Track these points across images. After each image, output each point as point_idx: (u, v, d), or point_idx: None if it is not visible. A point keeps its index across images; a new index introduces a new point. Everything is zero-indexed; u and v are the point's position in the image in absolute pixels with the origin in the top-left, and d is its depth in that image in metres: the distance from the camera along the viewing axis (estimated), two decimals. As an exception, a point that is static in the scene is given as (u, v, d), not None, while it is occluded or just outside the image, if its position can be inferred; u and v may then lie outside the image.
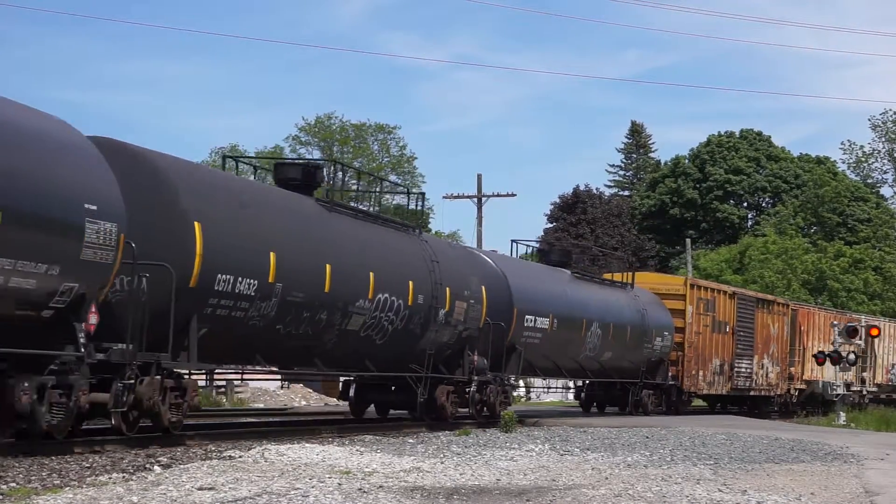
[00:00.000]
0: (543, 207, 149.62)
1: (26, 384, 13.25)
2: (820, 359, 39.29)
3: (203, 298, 16.45)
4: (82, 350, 14.00)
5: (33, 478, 11.79)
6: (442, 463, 14.36)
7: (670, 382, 34.75)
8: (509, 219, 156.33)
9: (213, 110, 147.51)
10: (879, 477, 14.59)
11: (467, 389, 24.38)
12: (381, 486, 11.38)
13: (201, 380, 19.43)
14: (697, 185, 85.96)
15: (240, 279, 17.01)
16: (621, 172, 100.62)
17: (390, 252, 21.92)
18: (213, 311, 16.72)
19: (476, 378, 24.50)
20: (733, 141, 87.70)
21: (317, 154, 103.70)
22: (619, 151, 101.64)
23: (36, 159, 13.38)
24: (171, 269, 15.53)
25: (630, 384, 33.26)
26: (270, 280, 17.73)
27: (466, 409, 24.30)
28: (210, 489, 10.71)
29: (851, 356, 38.05)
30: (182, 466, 12.84)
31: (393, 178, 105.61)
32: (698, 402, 41.06)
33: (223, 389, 35.36)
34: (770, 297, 44.13)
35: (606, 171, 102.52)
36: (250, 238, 17.56)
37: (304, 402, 37.06)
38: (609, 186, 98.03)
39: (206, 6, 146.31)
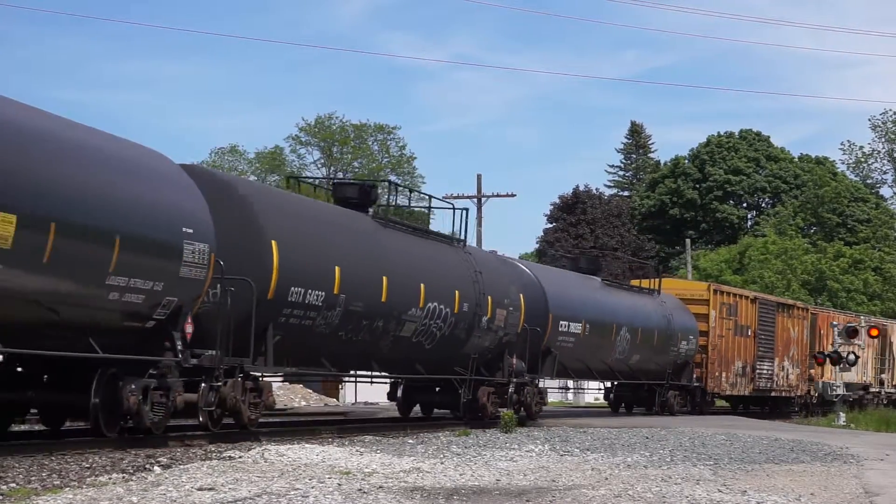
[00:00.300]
0: (543, 208, 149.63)
1: (133, 386, 15.20)
2: (819, 359, 39.37)
3: (278, 309, 18.20)
4: (179, 356, 15.97)
5: (33, 478, 11.78)
6: (442, 463, 14.36)
7: (695, 384, 36.24)
8: (509, 219, 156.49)
9: (213, 110, 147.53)
10: (879, 477, 14.60)
11: (506, 390, 25.77)
12: (380, 487, 11.38)
13: (276, 382, 22.34)
14: (697, 186, 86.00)
15: (309, 291, 18.79)
16: (621, 173, 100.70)
17: (438, 264, 23.73)
18: (286, 320, 18.46)
19: (514, 380, 25.93)
20: (733, 141, 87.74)
21: (316, 154, 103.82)
22: (618, 152, 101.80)
23: (146, 189, 15.58)
24: (252, 283, 17.24)
25: (657, 385, 34.80)
26: (335, 292, 19.49)
27: (505, 409, 25.15)
28: (210, 489, 10.71)
29: (851, 356, 38.07)
30: (182, 467, 12.84)
31: (393, 178, 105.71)
32: (721, 403, 42.22)
33: None
34: (790, 301, 45.71)
35: (606, 171, 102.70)
36: (318, 254, 19.38)
37: (304, 403, 37.13)
38: (609, 187, 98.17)
39: (206, 6, 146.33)
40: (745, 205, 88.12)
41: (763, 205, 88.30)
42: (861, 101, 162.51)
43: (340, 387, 39.76)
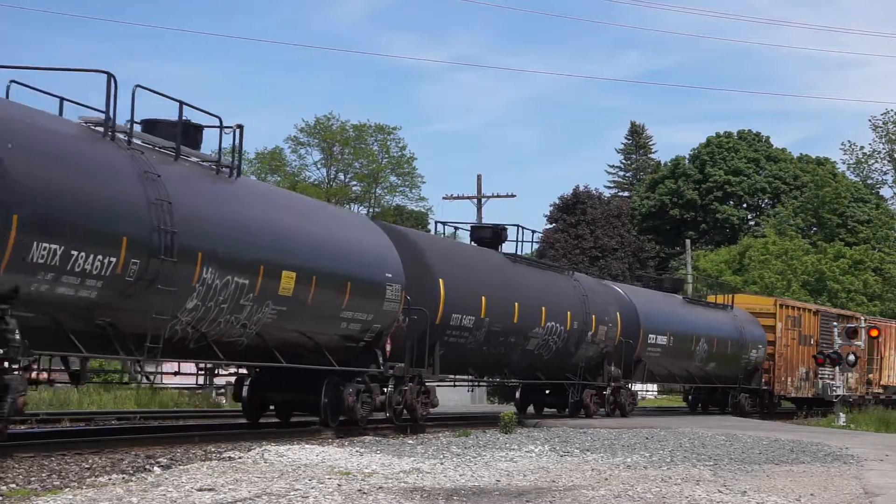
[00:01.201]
0: (543, 208, 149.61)
1: (350, 389, 20.48)
2: (819, 359, 39.54)
3: (443, 330, 23.73)
4: (382, 367, 21.48)
5: (33, 479, 11.78)
6: (441, 464, 14.36)
7: (763, 387, 41.44)
8: (509, 219, 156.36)
9: (213, 110, 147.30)
10: (879, 478, 14.60)
11: (604, 393, 31.49)
12: (380, 487, 11.38)
13: (440, 386, 26.72)
14: (697, 186, 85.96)
15: (464, 316, 24.48)
16: (621, 173, 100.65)
17: (555, 290, 29.25)
18: (448, 339, 24.03)
19: (612, 384, 31.65)
20: (733, 142, 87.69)
21: (316, 155, 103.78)
22: (618, 152, 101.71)
23: (363, 243, 21.27)
24: (427, 311, 22.91)
25: (730, 388, 39.97)
26: (482, 316, 25.06)
27: (604, 409, 31.46)
28: (210, 490, 10.71)
29: (851, 357, 38.13)
30: (182, 467, 12.84)
31: (393, 178, 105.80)
32: (787, 405, 46.45)
33: (223, 391, 35.47)
34: (848, 312, 50.24)
35: (606, 171, 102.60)
36: (470, 287, 24.86)
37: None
38: (609, 187, 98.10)
39: (206, 6, 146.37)
40: (745, 205, 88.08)
41: (763, 205, 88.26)
42: (861, 101, 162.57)
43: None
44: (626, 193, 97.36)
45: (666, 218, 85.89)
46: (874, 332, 41.22)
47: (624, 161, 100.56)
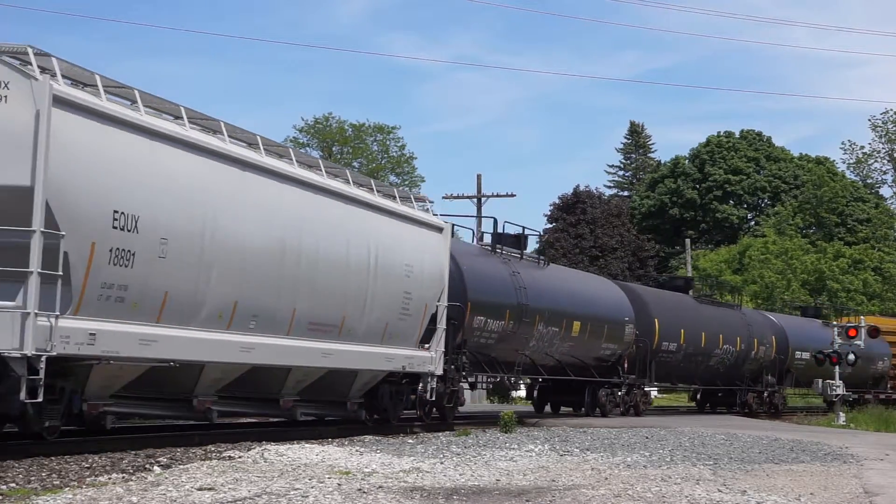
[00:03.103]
0: (543, 208, 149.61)
1: (602, 392, 32.24)
2: (820, 358, 39.55)
3: (656, 353, 35.13)
4: (621, 378, 33.11)
5: (33, 478, 11.77)
6: (441, 463, 14.36)
7: (889, 391, 51.56)
8: (509, 219, 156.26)
9: (213, 110, 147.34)
10: (879, 477, 14.59)
11: (763, 395, 43.13)
12: (380, 487, 11.37)
13: (653, 389, 40.63)
14: (697, 186, 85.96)
15: (671, 343, 35.98)
16: (621, 173, 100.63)
17: (727, 322, 40.79)
18: (659, 358, 35.35)
19: (769, 389, 43.46)
20: (733, 141, 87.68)
21: (316, 154, 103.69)
22: (618, 152, 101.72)
23: (611, 299, 33.11)
24: (647, 341, 34.37)
25: (864, 392, 49.14)
26: (681, 343, 36.49)
27: (762, 408, 42.68)
28: (210, 489, 10.71)
29: (851, 356, 38.16)
30: (181, 467, 12.83)
31: (392, 178, 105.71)
32: None
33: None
34: None
35: (606, 171, 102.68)
36: (673, 323, 36.21)
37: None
38: (609, 187, 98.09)
39: (206, 6, 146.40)
40: (744, 205, 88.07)
41: (763, 205, 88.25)
42: (861, 101, 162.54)
43: None
44: (625, 193, 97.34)
45: (666, 217, 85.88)
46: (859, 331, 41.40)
47: (624, 161, 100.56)
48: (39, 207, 12.74)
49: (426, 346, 22.45)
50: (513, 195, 54.81)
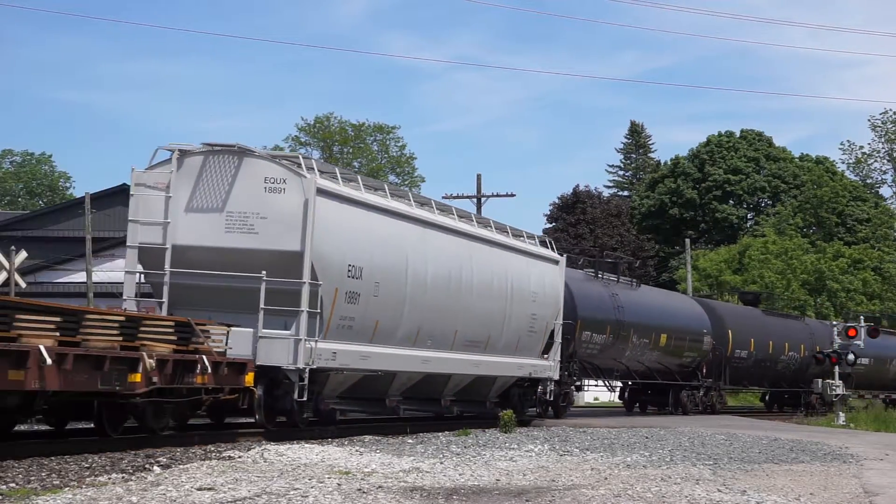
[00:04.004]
0: (543, 207, 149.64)
1: (684, 393, 37.58)
2: (819, 357, 39.64)
3: (730, 360, 40.72)
4: (700, 381, 38.30)
5: (32, 478, 11.77)
6: (441, 463, 14.35)
7: None
8: (509, 219, 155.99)
9: (213, 110, 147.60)
10: (878, 477, 14.60)
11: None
12: (380, 487, 11.37)
13: (728, 391, 44.38)
14: (697, 186, 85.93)
15: (742, 350, 41.66)
16: (621, 172, 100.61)
17: (792, 331, 46.41)
18: (732, 364, 41.03)
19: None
20: (733, 141, 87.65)
21: (316, 154, 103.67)
22: (618, 151, 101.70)
23: (691, 312, 39.06)
24: (722, 349, 39.55)
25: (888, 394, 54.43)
26: (752, 350, 42.21)
27: (825, 409, 43.93)
28: (209, 489, 10.70)
29: (851, 356, 38.18)
30: (181, 467, 12.83)
31: (392, 178, 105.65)
32: None
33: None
34: None
35: (606, 171, 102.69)
36: (745, 333, 41.85)
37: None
38: (608, 186, 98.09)
39: (206, 6, 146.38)
40: (744, 205, 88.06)
41: (763, 205, 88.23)
42: (861, 101, 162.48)
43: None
44: (625, 193, 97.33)
45: (665, 217, 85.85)
46: (852, 332, 41.54)
47: (624, 160, 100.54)
48: (307, 266, 18.09)
49: (546, 356, 27.39)
50: (512, 195, 54.74)
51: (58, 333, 13.21)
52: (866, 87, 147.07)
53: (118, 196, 61.37)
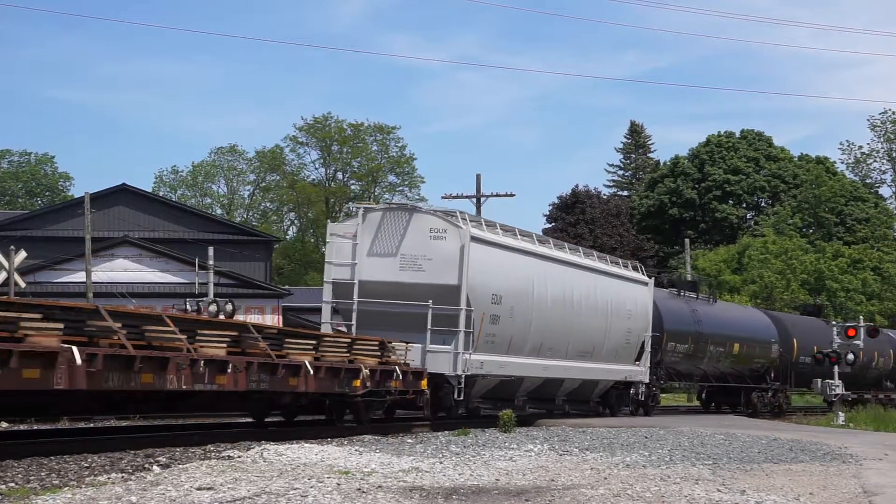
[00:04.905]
0: (542, 207, 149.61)
1: (754, 395, 41.73)
2: (819, 357, 39.64)
3: (795, 364, 44.19)
4: (768, 384, 42.80)
5: (32, 478, 11.77)
6: (441, 463, 14.35)
7: None
8: (509, 219, 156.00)
9: (213, 110, 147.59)
10: (878, 477, 14.59)
11: (879, 397, 49.26)
12: (379, 486, 11.37)
13: (794, 393, 48.27)
14: (696, 185, 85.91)
15: (805, 357, 44.38)
16: (620, 172, 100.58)
17: (883, 344, 50.03)
18: (797, 368, 44.31)
19: (885, 392, 50.54)
20: (733, 141, 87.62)
21: (314, 154, 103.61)
22: (618, 151, 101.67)
23: (760, 323, 43.62)
24: (788, 355, 43.48)
25: None
26: (815, 356, 42.55)
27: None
28: (209, 489, 10.70)
29: (850, 356, 38.18)
30: (181, 466, 12.82)
31: (392, 178, 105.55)
32: None
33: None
34: None
35: (605, 170, 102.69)
36: (808, 340, 44.79)
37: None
38: (608, 186, 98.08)
39: (206, 6, 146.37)
40: (744, 204, 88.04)
41: (762, 204, 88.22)
42: (861, 101, 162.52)
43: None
44: (625, 193, 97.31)
45: (665, 217, 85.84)
46: (851, 332, 41.65)
47: (623, 160, 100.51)
48: (464, 296, 23.49)
49: (638, 363, 32.45)
50: (512, 195, 54.73)
51: (314, 352, 18.80)
52: (866, 87, 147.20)
53: (118, 196, 61.49)
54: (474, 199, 54.30)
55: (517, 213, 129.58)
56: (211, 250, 49.66)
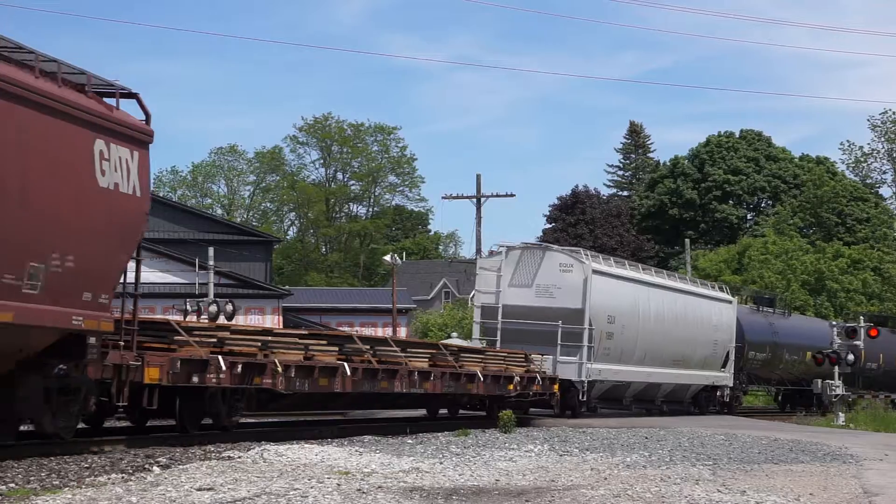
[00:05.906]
0: (542, 208, 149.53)
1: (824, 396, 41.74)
2: (819, 358, 39.56)
3: (862, 370, 44.10)
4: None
5: (32, 478, 11.76)
6: (441, 463, 14.35)
7: None
8: (508, 219, 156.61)
9: (212, 110, 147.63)
10: (878, 477, 14.60)
11: None
12: (379, 487, 11.37)
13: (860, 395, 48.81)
14: (696, 186, 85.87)
15: (873, 363, 47.33)
16: (620, 173, 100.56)
17: None
18: (866, 373, 46.95)
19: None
20: (732, 141, 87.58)
21: (314, 154, 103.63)
22: (617, 152, 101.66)
23: (815, 329, 46.57)
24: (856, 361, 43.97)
25: None
26: (881, 363, 48.71)
27: None
28: (209, 490, 10.70)
29: (850, 356, 38.13)
30: (181, 467, 12.81)
31: (392, 178, 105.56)
32: None
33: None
34: None
35: (605, 171, 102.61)
36: (877, 349, 46.75)
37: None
38: (608, 187, 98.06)
39: (206, 6, 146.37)
40: (744, 205, 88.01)
41: (762, 205, 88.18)
42: (861, 101, 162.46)
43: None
44: (625, 193, 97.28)
45: (665, 217, 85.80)
46: (874, 332, 41.60)
47: (623, 161, 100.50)
48: (587, 317, 29.40)
49: (723, 369, 37.78)
50: (512, 195, 54.78)
51: (481, 363, 24.44)
52: (866, 87, 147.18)
53: (118, 196, 61.41)
54: (474, 200, 54.28)
55: (517, 213, 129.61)
56: (211, 250, 49.65)
